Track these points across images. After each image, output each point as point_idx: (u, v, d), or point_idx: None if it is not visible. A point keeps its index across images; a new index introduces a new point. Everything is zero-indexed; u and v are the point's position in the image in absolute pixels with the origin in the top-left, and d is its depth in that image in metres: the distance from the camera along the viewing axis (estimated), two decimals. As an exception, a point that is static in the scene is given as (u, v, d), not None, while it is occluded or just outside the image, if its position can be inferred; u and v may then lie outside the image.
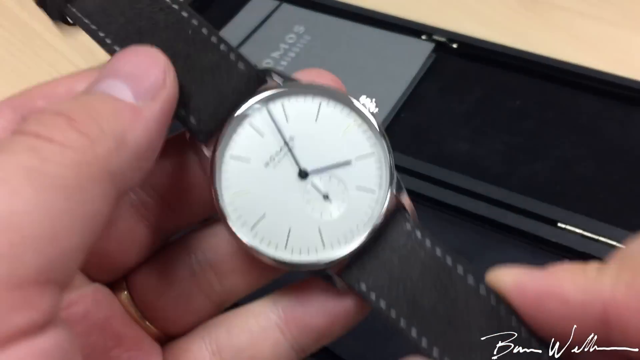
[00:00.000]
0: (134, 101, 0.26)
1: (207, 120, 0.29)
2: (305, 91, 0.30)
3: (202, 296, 0.32)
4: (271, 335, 0.31)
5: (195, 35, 0.29)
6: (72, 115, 0.24)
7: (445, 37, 0.71)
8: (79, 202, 0.22)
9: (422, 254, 0.29)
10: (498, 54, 0.70)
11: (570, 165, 0.61)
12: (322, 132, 0.30)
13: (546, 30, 0.75)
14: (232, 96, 0.29)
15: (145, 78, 0.26)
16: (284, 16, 0.77)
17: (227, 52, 0.29)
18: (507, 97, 0.68)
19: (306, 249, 0.29)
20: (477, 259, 0.55)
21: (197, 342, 0.32)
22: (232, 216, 0.29)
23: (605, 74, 0.66)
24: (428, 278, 0.29)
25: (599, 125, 0.64)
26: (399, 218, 0.30)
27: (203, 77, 0.29)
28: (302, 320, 0.31)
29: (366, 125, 0.30)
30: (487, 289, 0.29)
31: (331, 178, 0.29)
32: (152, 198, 0.32)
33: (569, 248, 0.54)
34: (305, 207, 0.29)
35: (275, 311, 0.32)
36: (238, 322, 0.32)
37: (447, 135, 0.65)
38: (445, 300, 0.28)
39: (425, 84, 0.69)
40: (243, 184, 0.29)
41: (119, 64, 0.27)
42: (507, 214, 0.57)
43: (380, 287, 0.29)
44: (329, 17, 0.76)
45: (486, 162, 0.62)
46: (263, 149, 0.29)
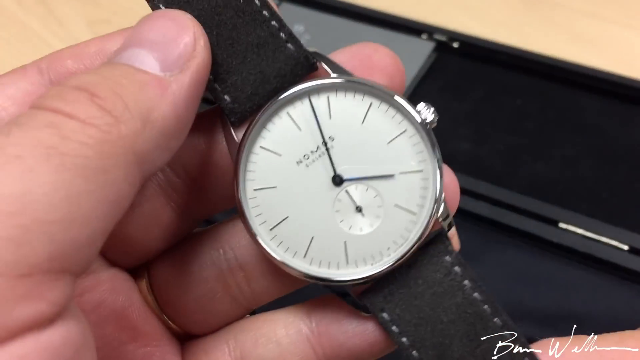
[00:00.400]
0: (161, 73, 0.23)
1: (244, 101, 0.26)
2: (356, 88, 0.27)
3: (228, 298, 0.30)
4: (301, 349, 0.29)
5: (247, 5, 0.26)
6: (95, 90, 0.22)
7: (446, 36, 0.71)
8: (101, 184, 0.20)
9: (459, 297, 0.26)
10: (499, 53, 0.69)
11: (571, 165, 0.61)
12: (367, 137, 0.27)
13: (548, 29, 0.75)
14: (274, 79, 0.27)
15: (173, 46, 0.24)
16: (285, 15, 0.76)
17: (277, 30, 0.27)
18: (508, 97, 0.67)
19: (327, 262, 0.27)
20: (478, 259, 0.54)
21: (221, 346, 0.30)
22: (252, 212, 0.27)
23: (608, 74, 0.66)
24: (461, 324, 0.26)
25: (600, 125, 0.64)
26: (439, 247, 0.27)
27: (247, 53, 0.26)
28: (337, 338, 0.28)
29: (418, 137, 0.27)
30: (524, 346, 0.26)
31: (368, 189, 0.27)
32: (181, 178, 0.29)
33: (570, 249, 0.54)
34: (334, 217, 0.27)
35: (307, 324, 0.29)
36: (266, 330, 0.29)
37: (447, 135, 0.65)
38: (476, 353, 0.26)
39: (426, 83, 0.69)
40: (270, 179, 0.27)
41: (144, 30, 0.24)
42: (508, 214, 0.56)
43: (406, 322, 0.26)
44: (329, 16, 0.75)
45: (487, 162, 0.62)
46: (298, 145, 0.27)
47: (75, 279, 0.20)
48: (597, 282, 0.52)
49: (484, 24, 0.75)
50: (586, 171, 0.60)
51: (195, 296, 0.30)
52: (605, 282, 0.52)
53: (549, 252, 0.54)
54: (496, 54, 0.69)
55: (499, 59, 0.69)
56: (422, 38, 0.72)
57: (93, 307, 0.28)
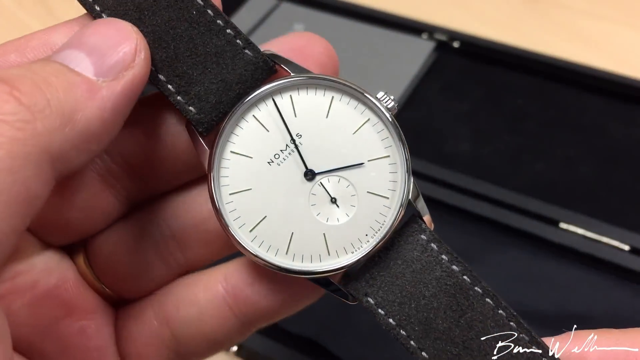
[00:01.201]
0: (94, 77, 0.24)
1: (209, 110, 0.27)
2: (317, 84, 0.28)
3: (164, 266, 0.31)
4: (219, 311, 0.31)
5: (200, 16, 0.27)
6: (17, 83, 0.22)
7: (447, 36, 0.71)
8: (9, 184, 0.20)
9: (437, 270, 0.27)
10: (500, 53, 0.69)
11: (572, 165, 0.61)
12: (333, 129, 0.28)
13: (549, 29, 0.75)
14: (237, 86, 0.27)
15: (111, 53, 0.24)
16: (284, 14, 0.76)
17: (233, 37, 0.27)
18: (509, 97, 0.67)
19: (309, 256, 0.27)
20: (479, 259, 0.54)
21: (148, 312, 0.31)
22: (229, 216, 0.27)
23: (608, 73, 0.66)
24: (443, 297, 0.27)
25: (601, 125, 0.64)
26: (414, 227, 0.28)
27: (206, 63, 0.27)
28: (252, 299, 0.30)
29: (382, 125, 0.28)
30: (506, 312, 0.27)
31: (340, 180, 0.28)
32: (119, 165, 0.30)
33: (571, 249, 0.54)
34: (310, 211, 0.27)
35: (225, 287, 0.31)
36: (187, 294, 0.31)
37: (448, 134, 0.64)
38: (461, 323, 0.27)
39: (426, 83, 0.69)
40: (244, 182, 0.27)
41: (86, 35, 0.25)
42: (508, 214, 0.56)
43: (390, 302, 0.27)
44: (329, 15, 0.75)
45: (488, 162, 0.62)
46: (267, 145, 0.27)
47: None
48: (598, 282, 0.52)
49: (485, 24, 0.75)
50: (586, 171, 0.60)
51: (131, 264, 0.31)
52: (606, 282, 0.52)
53: (549, 252, 0.54)
54: (496, 54, 0.69)
55: (499, 59, 0.69)
56: (422, 38, 0.72)
57: (27, 288, 0.28)
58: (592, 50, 0.71)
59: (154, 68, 0.27)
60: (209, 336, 0.31)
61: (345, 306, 0.56)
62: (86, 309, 0.30)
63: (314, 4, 0.77)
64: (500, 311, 0.27)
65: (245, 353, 0.52)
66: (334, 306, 0.53)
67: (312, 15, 0.76)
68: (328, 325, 0.52)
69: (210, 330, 0.31)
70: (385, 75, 0.68)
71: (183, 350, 0.31)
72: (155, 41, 0.27)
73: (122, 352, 0.31)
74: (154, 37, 0.27)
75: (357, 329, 0.51)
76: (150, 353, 0.31)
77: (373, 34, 0.72)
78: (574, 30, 0.74)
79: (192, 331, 0.31)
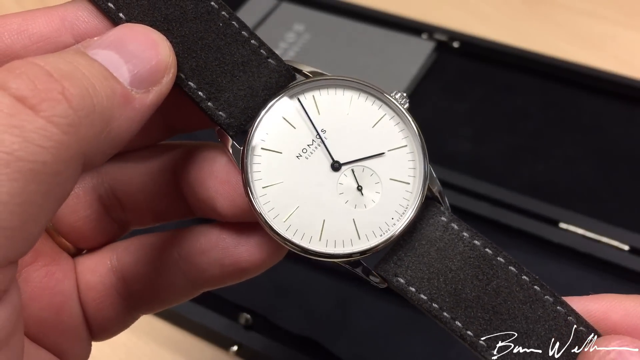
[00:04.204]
0: (128, 87, 0.24)
1: (238, 115, 0.29)
2: (336, 84, 0.30)
3: (110, 220, 0.33)
4: (171, 271, 0.32)
5: (227, 28, 0.29)
6: (68, 83, 0.21)
7: (447, 36, 0.71)
8: (52, 185, 0.21)
9: (460, 246, 0.29)
10: (500, 53, 0.69)
11: (572, 165, 0.61)
12: (354, 124, 0.30)
13: (548, 29, 0.75)
14: (263, 92, 0.29)
15: (146, 65, 0.25)
16: (284, 14, 0.76)
17: (258, 47, 0.29)
18: (509, 97, 0.67)
19: (341, 241, 0.29)
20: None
21: (104, 261, 0.32)
22: (264, 208, 0.29)
23: (608, 74, 0.66)
24: (469, 269, 0.29)
25: (601, 125, 0.64)
26: (434, 211, 0.30)
27: (234, 71, 0.29)
28: (201, 266, 0.31)
29: (398, 118, 0.30)
30: (529, 277, 0.29)
31: (364, 170, 0.30)
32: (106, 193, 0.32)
33: (571, 249, 0.54)
34: (339, 199, 0.29)
35: (178, 251, 0.31)
36: (145, 251, 0.32)
37: (448, 134, 0.65)
38: (488, 290, 0.29)
39: (426, 83, 0.69)
40: (275, 175, 0.29)
41: (127, 39, 0.25)
42: (508, 214, 0.56)
43: (419, 279, 0.29)
44: (329, 15, 0.75)
45: (487, 162, 0.62)
46: (295, 141, 0.30)
47: (16, 264, 0.21)
48: (597, 282, 0.52)
49: (485, 24, 0.75)
50: (586, 171, 0.60)
51: (82, 217, 0.32)
52: (606, 282, 0.52)
53: (549, 252, 0.54)
54: (496, 54, 0.69)
55: (499, 59, 0.69)
56: (422, 38, 0.72)
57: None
58: (592, 50, 0.72)
59: (183, 76, 0.28)
60: (161, 295, 0.32)
61: (345, 306, 0.56)
62: (51, 255, 0.31)
63: (314, 4, 0.77)
64: (524, 277, 0.29)
65: (245, 353, 0.52)
66: (334, 306, 0.53)
67: (312, 15, 0.76)
68: (328, 325, 0.52)
69: (162, 285, 0.32)
70: (385, 75, 0.69)
71: (134, 304, 0.33)
72: (185, 51, 0.28)
73: (81, 300, 0.32)
74: (183, 47, 0.28)
75: (357, 329, 0.51)
76: (105, 302, 0.32)
77: (373, 34, 0.73)
78: (574, 30, 0.74)
79: (143, 281, 0.32)
